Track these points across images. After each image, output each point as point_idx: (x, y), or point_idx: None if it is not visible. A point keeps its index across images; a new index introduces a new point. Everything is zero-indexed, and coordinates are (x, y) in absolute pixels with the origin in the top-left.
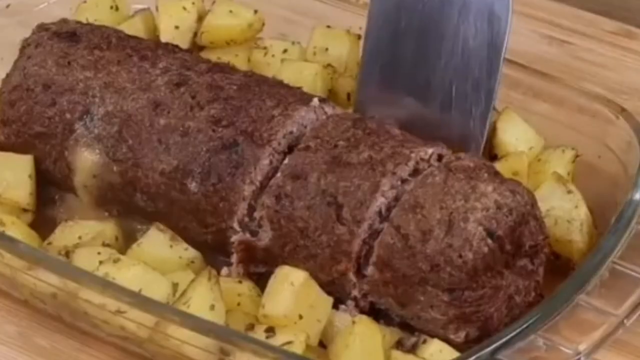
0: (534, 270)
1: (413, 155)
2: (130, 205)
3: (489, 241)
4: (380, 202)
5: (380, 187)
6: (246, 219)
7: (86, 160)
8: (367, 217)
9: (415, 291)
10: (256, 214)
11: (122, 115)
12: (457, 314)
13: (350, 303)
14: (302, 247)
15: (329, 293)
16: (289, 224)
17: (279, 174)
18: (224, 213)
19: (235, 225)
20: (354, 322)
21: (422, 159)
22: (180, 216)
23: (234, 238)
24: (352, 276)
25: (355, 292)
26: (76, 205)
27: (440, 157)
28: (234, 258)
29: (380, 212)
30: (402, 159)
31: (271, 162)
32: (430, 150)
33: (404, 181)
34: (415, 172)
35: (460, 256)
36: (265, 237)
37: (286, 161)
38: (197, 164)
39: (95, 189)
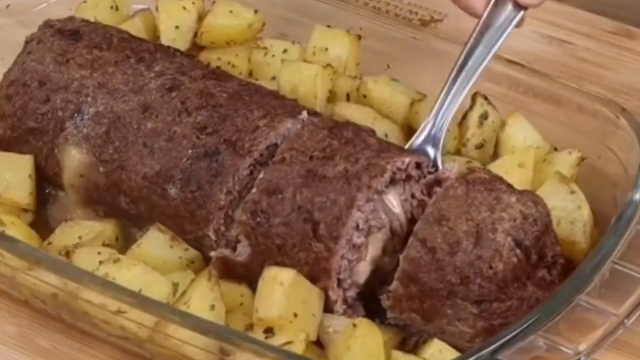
0: (553, 281)
1: (389, 167)
2: (115, 207)
3: (518, 251)
4: (356, 216)
5: (355, 201)
6: (222, 229)
7: (74, 159)
8: (344, 233)
9: (442, 305)
10: (233, 231)
11: (111, 116)
12: (485, 326)
13: (339, 309)
14: (280, 263)
15: None
16: (266, 240)
17: (254, 189)
18: (201, 221)
19: (211, 234)
20: (354, 325)
21: (398, 169)
22: (161, 221)
23: (212, 254)
24: (332, 293)
25: (337, 308)
26: (68, 204)
27: (418, 165)
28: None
29: (357, 227)
30: (378, 171)
31: (252, 172)
32: (407, 160)
33: (379, 192)
34: (392, 181)
35: (491, 267)
36: (244, 252)
37: (261, 175)
38: (179, 169)
39: (81, 188)
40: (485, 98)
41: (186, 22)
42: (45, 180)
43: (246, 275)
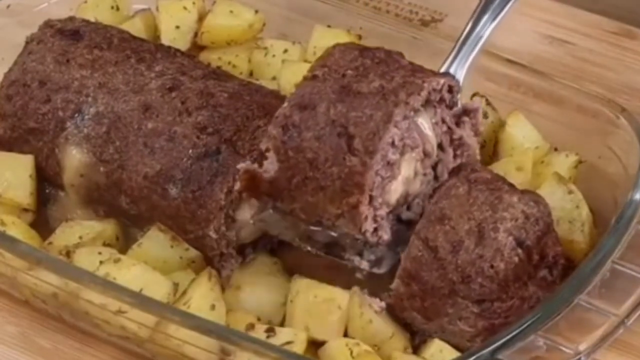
0: (554, 281)
1: (425, 85)
2: (115, 207)
3: (519, 251)
4: (393, 132)
5: (393, 117)
6: (223, 228)
7: (74, 158)
8: (380, 148)
9: (444, 303)
10: (261, 145)
11: (111, 116)
12: (486, 326)
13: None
14: (310, 179)
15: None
16: (296, 155)
17: (285, 104)
18: (202, 221)
19: (212, 234)
20: (353, 357)
21: (434, 90)
22: (161, 221)
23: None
24: (364, 209)
25: (366, 226)
26: (68, 204)
27: (450, 89)
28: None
29: (393, 143)
30: (415, 89)
31: None
32: (442, 81)
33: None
34: (426, 102)
35: (492, 267)
36: (271, 168)
37: (293, 91)
38: (180, 169)
39: (82, 188)
40: (485, 98)
41: (187, 22)
42: (46, 180)
43: (271, 192)
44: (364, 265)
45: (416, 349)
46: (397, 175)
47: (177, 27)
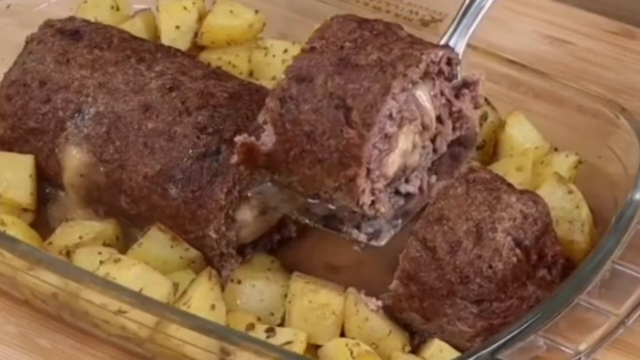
0: (553, 280)
1: (424, 57)
2: (115, 207)
3: (517, 251)
4: (391, 105)
5: (391, 89)
6: (223, 228)
7: (74, 158)
8: (378, 121)
9: (442, 304)
10: (259, 118)
11: (111, 116)
12: (485, 326)
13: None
14: (308, 151)
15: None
16: (294, 127)
17: (283, 76)
18: (202, 221)
19: (212, 234)
20: (353, 358)
21: (432, 62)
22: (161, 221)
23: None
24: (362, 181)
25: (364, 199)
26: (68, 204)
27: (449, 61)
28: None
29: (390, 115)
30: (413, 61)
31: (252, 172)
32: (440, 53)
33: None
34: (424, 75)
35: (490, 267)
36: (268, 141)
37: (290, 63)
38: (180, 169)
39: (82, 188)
40: (485, 99)
41: (187, 22)
42: (46, 180)
43: (269, 165)
44: (362, 237)
45: (416, 349)
46: (395, 148)
47: (177, 27)
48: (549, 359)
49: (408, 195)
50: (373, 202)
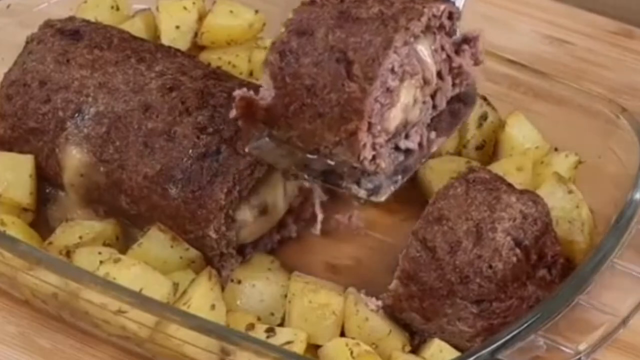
0: (553, 280)
1: (426, 10)
2: (115, 207)
3: (517, 251)
4: (393, 58)
5: (393, 42)
6: (223, 228)
7: (74, 158)
8: (380, 74)
9: (442, 304)
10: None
11: (111, 116)
12: (485, 326)
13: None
14: (308, 105)
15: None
16: (294, 81)
17: (283, 30)
18: (202, 221)
19: (212, 234)
20: (353, 358)
21: (434, 16)
22: (161, 221)
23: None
24: (363, 136)
25: (365, 154)
26: (68, 203)
27: (450, 15)
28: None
29: (392, 69)
30: (415, 14)
31: (252, 172)
32: (442, 7)
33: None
34: (426, 29)
35: (490, 267)
36: (267, 95)
37: (290, 16)
38: (180, 169)
39: (81, 188)
40: (485, 99)
41: (187, 22)
42: (46, 180)
43: (268, 120)
44: (362, 193)
45: (416, 349)
46: (396, 103)
47: (177, 27)
48: (549, 359)
49: (408, 151)
50: (374, 157)
